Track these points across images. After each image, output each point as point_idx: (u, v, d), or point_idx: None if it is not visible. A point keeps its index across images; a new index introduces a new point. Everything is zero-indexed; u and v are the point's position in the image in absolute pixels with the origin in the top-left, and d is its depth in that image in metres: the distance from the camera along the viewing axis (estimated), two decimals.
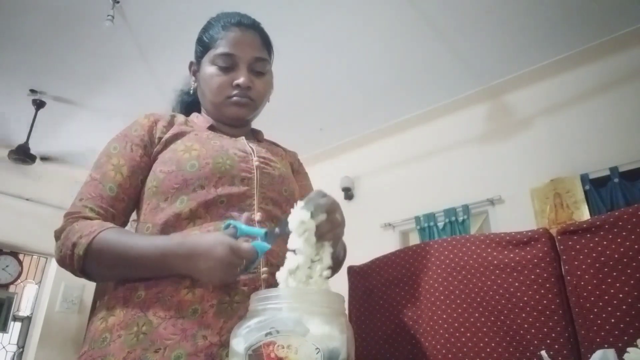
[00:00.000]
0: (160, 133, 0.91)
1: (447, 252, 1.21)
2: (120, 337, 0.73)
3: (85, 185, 0.86)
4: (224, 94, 0.94)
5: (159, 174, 0.86)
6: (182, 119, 0.96)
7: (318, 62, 3.21)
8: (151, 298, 0.76)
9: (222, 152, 0.88)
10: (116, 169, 0.86)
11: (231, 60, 0.93)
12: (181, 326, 0.73)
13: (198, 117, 1.00)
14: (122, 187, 0.86)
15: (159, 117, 0.94)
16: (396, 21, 2.82)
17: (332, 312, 0.66)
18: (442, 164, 3.51)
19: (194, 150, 0.87)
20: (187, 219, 0.82)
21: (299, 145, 4.93)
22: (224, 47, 0.93)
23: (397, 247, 3.23)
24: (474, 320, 1.11)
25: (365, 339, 1.28)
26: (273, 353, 0.59)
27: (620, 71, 2.86)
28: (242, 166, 0.88)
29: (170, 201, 0.83)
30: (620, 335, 0.91)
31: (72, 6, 2.69)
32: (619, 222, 0.97)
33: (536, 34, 2.91)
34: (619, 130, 2.75)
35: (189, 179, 0.83)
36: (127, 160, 0.87)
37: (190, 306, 0.75)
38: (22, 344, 4.32)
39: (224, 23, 0.96)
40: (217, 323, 0.74)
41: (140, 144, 0.89)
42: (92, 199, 0.83)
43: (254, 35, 0.97)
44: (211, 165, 0.85)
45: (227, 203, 0.84)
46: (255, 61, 0.95)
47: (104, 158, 0.88)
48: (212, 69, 0.94)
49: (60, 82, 3.42)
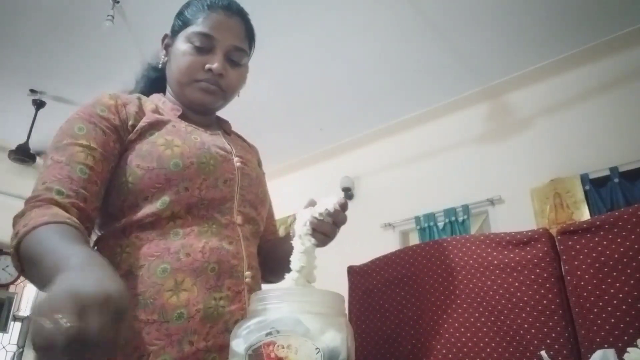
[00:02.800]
0: (133, 120, 0.82)
1: (447, 252, 1.21)
2: None
3: (46, 169, 0.74)
4: (192, 76, 0.86)
5: (135, 169, 0.78)
6: (151, 105, 0.87)
7: (318, 62, 3.21)
8: (130, 300, 0.69)
9: (205, 151, 0.83)
10: (86, 151, 0.75)
11: (208, 42, 0.86)
12: (166, 331, 0.69)
13: (165, 102, 0.91)
14: (95, 171, 0.75)
15: (127, 100, 0.84)
16: (396, 21, 2.82)
17: (332, 312, 0.66)
18: (442, 164, 3.51)
19: (176, 147, 0.80)
20: (168, 218, 0.78)
21: (299, 145, 4.98)
22: (204, 27, 0.86)
23: (397, 247, 3.23)
24: (474, 320, 1.11)
25: (365, 339, 1.28)
26: (273, 353, 0.59)
27: (620, 71, 2.86)
28: (225, 167, 0.85)
29: (151, 200, 0.77)
30: (620, 335, 0.91)
31: (72, 6, 2.69)
32: (619, 222, 0.97)
33: (536, 33, 2.91)
34: (619, 130, 2.75)
35: (172, 179, 0.77)
36: (99, 144, 0.77)
37: (175, 310, 0.71)
38: (22, 344, 4.32)
39: (211, 2, 0.88)
40: (203, 328, 0.71)
41: (112, 128, 0.79)
42: (59, 181, 0.72)
43: (239, 23, 0.91)
44: (196, 165, 0.80)
45: (208, 205, 0.81)
46: (234, 50, 0.89)
47: (68, 139, 0.76)
48: (186, 46, 0.86)
49: (60, 82, 3.42)
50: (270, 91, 3.46)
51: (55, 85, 3.46)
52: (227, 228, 0.82)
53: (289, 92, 3.53)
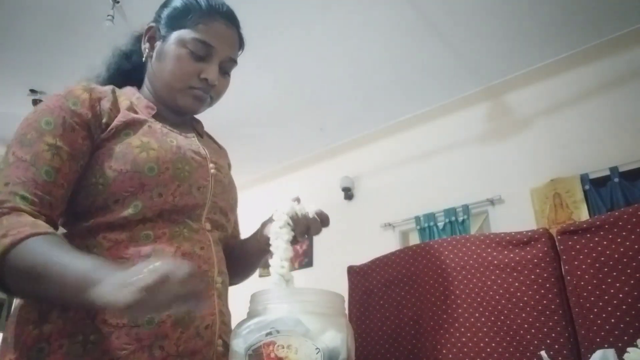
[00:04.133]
0: (107, 118, 0.77)
1: (447, 252, 1.21)
2: (62, 348, 0.65)
3: (9, 166, 0.70)
4: (186, 83, 0.83)
5: (107, 171, 0.74)
6: (125, 101, 0.83)
7: (318, 62, 3.21)
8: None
9: (181, 156, 0.80)
10: (53, 150, 0.71)
11: (206, 51, 0.83)
12: (136, 336, 0.67)
13: (139, 98, 0.86)
14: (61, 172, 0.71)
15: (101, 94, 0.80)
16: (396, 21, 2.82)
17: (332, 312, 0.66)
18: (442, 164, 3.51)
19: (152, 150, 0.76)
20: (138, 220, 0.75)
21: (299, 145, 4.97)
22: (205, 35, 0.82)
23: (397, 247, 3.23)
24: (474, 320, 1.11)
25: (365, 339, 1.28)
26: (273, 353, 0.59)
27: (620, 71, 2.86)
28: (200, 173, 0.82)
29: (122, 203, 0.74)
30: (620, 335, 0.91)
31: (72, 6, 2.69)
32: (619, 222, 0.97)
33: (536, 34, 2.91)
34: (619, 130, 2.76)
35: (146, 184, 0.74)
36: (67, 141, 0.73)
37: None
38: None
39: (210, 6, 0.84)
40: (174, 333, 0.70)
41: (83, 124, 0.75)
42: (23, 185, 0.68)
43: (235, 33, 0.88)
44: (171, 171, 0.77)
45: (180, 211, 0.78)
46: (228, 60, 0.87)
47: (34, 133, 0.72)
48: (182, 51, 0.82)
49: (60, 82, 3.38)
50: (271, 91, 3.46)
51: (55, 85, 3.43)
52: (199, 233, 0.80)
53: (289, 91, 3.53)
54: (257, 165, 4.41)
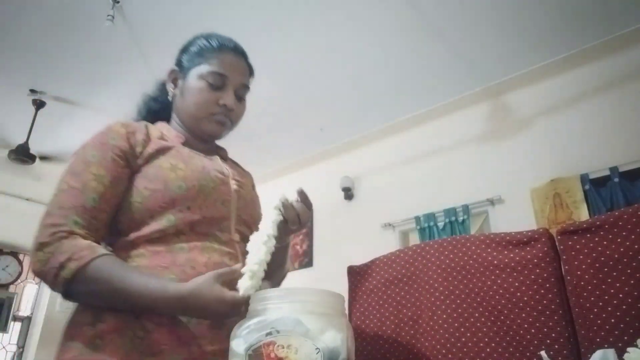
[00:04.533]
0: (141, 147, 0.91)
1: (447, 252, 1.21)
2: (114, 342, 0.75)
3: (62, 192, 0.83)
4: (208, 110, 0.96)
5: (143, 191, 0.87)
6: (156, 132, 0.96)
7: (318, 63, 3.21)
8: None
9: (205, 174, 0.92)
10: (97, 179, 0.84)
11: (222, 81, 0.96)
12: (177, 334, 0.77)
13: (169, 129, 1.00)
14: (104, 198, 0.84)
15: (135, 128, 0.94)
16: (396, 21, 2.82)
17: (332, 312, 0.66)
18: (442, 164, 3.51)
19: (179, 170, 0.89)
20: (173, 234, 0.86)
21: (299, 145, 4.97)
22: (218, 67, 0.96)
23: (397, 247, 3.23)
24: (474, 320, 1.11)
25: (365, 339, 1.28)
26: (273, 353, 0.59)
27: (620, 71, 2.86)
28: (223, 189, 0.94)
29: (156, 218, 0.86)
30: (620, 335, 0.91)
31: (72, 6, 2.69)
32: (619, 222, 0.97)
33: (536, 34, 2.91)
34: (619, 130, 2.75)
35: (176, 199, 0.86)
36: (109, 170, 0.86)
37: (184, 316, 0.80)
38: (22, 344, 4.32)
39: (220, 44, 0.99)
40: (210, 333, 0.80)
41: (122, 155, 0.88)
42: (75, 209, 0.81)
43: (244, 62, 1.02)
44: (197, 187, 0.88)
45: (208, 223, 0.89)
46: (241, 87, 1.00)
47: (82, 165, 0.86)
48: (201, 84, 0.96)
49: (60, 82, 3.42)
50: (271, 91, 3.46)
51: (55, 85, 3.46)
52: (227, 245, 0.90)
53: (289, 92, 3.52)
54: (257, 165, 4.41)
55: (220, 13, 2.71)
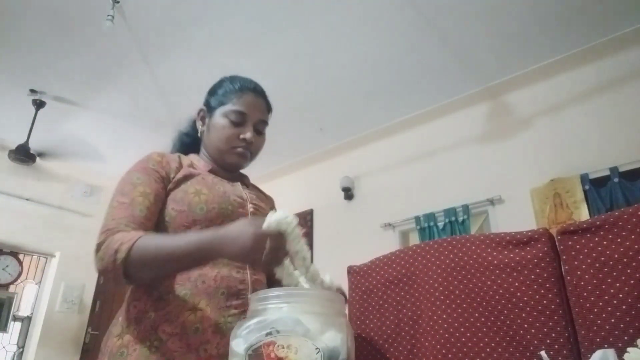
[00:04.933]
0: (174, 173, 1.03)
1: (447, 252, 1.21)
2: (136, 351, 0.88)
3: (113, 209, 0.94)
4: (230, 144, 1.08)
5: (171, 211, 0.99)
6: (187, 161, 1.09)
7: (318, 62, 3.21)
8: (160, 318, 0.91)
9: (225, 198, 1.04)
10: (144, 195, 0.96)
11: (242, 118, 1.08)
12: (186, 342, 0.89)
13: (199, 160, 1.13)
14: (150, 211, 0.96)
15: (170, 158, 1.07)
16: (396, 21, 2.82)
17: (332, 312, 0.66)
18: (442, 164, 3.51)
19: (202, 195, 1.01)
20: None
21: (299, 145, 4.97)
22: (239, 106, 1.09)
23: (397, 247, 3.23)
24: (474, 320, 1.11)
25: (365, 339, 1.28)
26: (273, 353, 0.59)
27: (620, 71, 2.86)
28: (240, 211, 1.05)
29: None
30: (620, 335, 0.91)
31: (72, 6, 2.69)
32: (619, 222, 0.97)
33: (536, 33, 2.91)
34: (619, 130, 2.75)
35: (197, 220, 0.98)
36: (153, 189, 0.98)
37: (192, 325, 0.90)
38: (22, 344, 4.32)
39: (241, 85, 1.12)
40: (215, 339, 0.90)
41: (160, 178, 1.01)
42: (125, 218, 0.92)
43: (263, 101, 1.15)
44: (217, 210, 1.00)
45: None
46: (260, 122, 1.12)
47: (129, 186, 0.97)
48: (224, 121, 1.08)
49: (60, 82, 3.42)
50: (270, 91, 3.45)
51: (55, 85, 3.46)
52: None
53: (289, 92, 3.53)
54: (257, 165, 4.39)
55: (220, 13, 2.71)
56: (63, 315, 4.43)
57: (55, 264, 4.54)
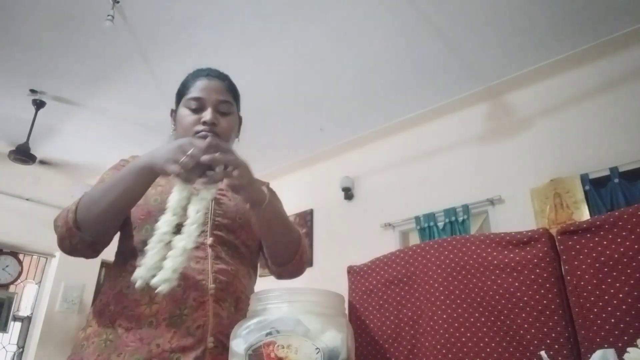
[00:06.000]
0: None
1: (447, 252, 1.21)
2: (94, 344, 0.90)
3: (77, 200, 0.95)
4: (193, 130, 1.06)
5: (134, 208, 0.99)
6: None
7: (318, 62, 3.21)
8: (118, 311, 0.91)
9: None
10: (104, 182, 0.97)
11: (199, 103, 1.07)
12: (139, 335, 0.88)
13: None
14: None
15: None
16: (396, 21, 2.82)
17: (332, 312, 0.66)
18: (442, 164, 3.51)
19: (159, 186, 1.02)
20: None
21: (299, 145, 4.96)
22: (194, 92, 1.09)
23: (397, 247, 3.23)
24: (474, 320, 1.11)
25: (365, 338, 1.28)
26: (273, 353, 0.59)
27: (620, 71, 2.86)
28: None
29: (138, 230, 0.99)
30: (620, 335, 0.91)
31: (72, 6, 2.69)
32: (619, 222, 0.97)
33: (536, 34, 2.91)
34: (619, 130, 2.75)
35: (151, 211, 0.98)
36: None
37: (147, 319, 0.90)
38: (22, 344, 4.32)
39: (195, 74, 1.13)
40: (168, 333, 0.88)
41: None
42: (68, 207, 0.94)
43: (219, 83, 1.13)
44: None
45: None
46: (220, 103, 1.09)
47: (98, 181, 1.01)
48: (184, 111, 1.09)
49: (60, 82, 3.42)
50: (271, 91, 3.46)
51: (55, 85, 3.46)
52: (197, 249, 0.96)
53: (289, 92, 3.53)
54: (257, 165, 4.40)
55: (220, 13, 2.71)
56: (63, 315, 4.43)
57: (55, 264, 4.54)
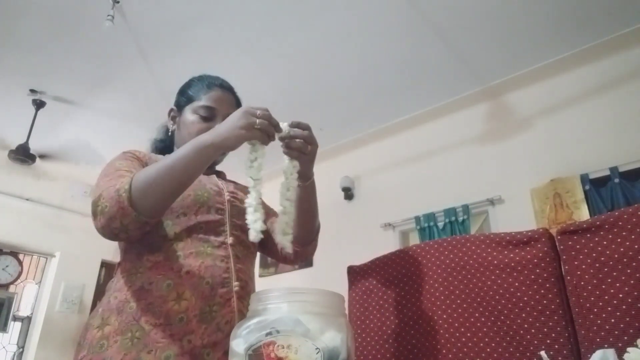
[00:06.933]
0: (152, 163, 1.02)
1: (447, 252, 1.21)
2: (117, 342, 0.86)
3: (97, 187, 0.91)
4: None
5: None
6: (160, 157, 1.07)
7: (318, 62, 3.21)
8: (143, 308, 0.90)
9: (201, 186, 1.04)
10: (128, 169, 0.95)
11: (211, 112, 1.10)
12: (170, 332, 0.87)
13: None
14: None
15: (144, 154, 1.09)
16: (396, 21, 2.82)
17: (332, 312, 0.66)
18: (442, 164, 3.51)
19: None
20: (172, 240, 0.97)
21: None
22: (207, 101, 1.11)
23: (397, 247, 3.23)
24: (474, 320, 1.11)
25: (365, 339, 1.28)
26: (273, 353, 0.59)
27: (620, 71, 2.86)
28: (217, 199, 1.06)
29: (158, 225, 0.96)
30: (620, 335, 0.91)
31: (72, 6, 2.69)
32: (619, 222, 0.97)
33: (536, 34, 2.91)
34: (619, 130, 2.75)
35: (173, 208, 0.97)
36: (137, 168, 0.97)
37: (177, 315, 0.89)
38: (22, 344, 4.32)
39: (209, 82, 1.15)
40: (199, 329, 0.89)
41: (141, 165, 1.01)
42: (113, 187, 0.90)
43: (230, 96, 1.17)
44: (192, 196, 1.01)
45: (205, 228, 1.00)
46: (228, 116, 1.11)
47: (112, 169, 0.95)
48: (194, 117, 1.11)
49: (60, 82, 3.42)
50: (271, 91, 3.46)
51: (55, 85, 3.45)
52: (220, 249, 1.00)
53: (289, 92, 3.53)
54: None
55: (220, 13, 2.71)
56: (63, 315, 4.43)
57: (55, 264, 4.54)
